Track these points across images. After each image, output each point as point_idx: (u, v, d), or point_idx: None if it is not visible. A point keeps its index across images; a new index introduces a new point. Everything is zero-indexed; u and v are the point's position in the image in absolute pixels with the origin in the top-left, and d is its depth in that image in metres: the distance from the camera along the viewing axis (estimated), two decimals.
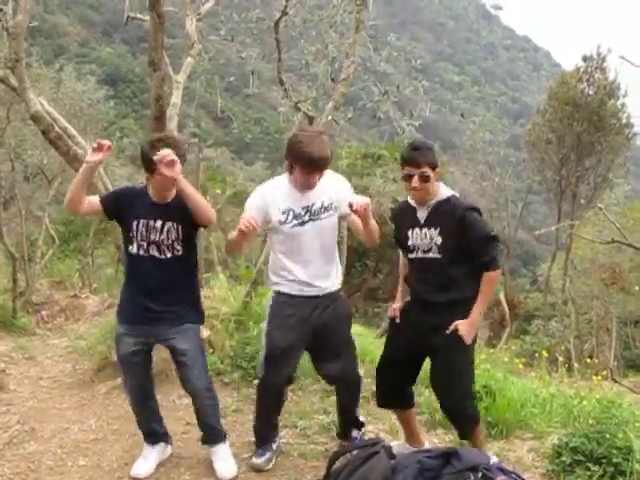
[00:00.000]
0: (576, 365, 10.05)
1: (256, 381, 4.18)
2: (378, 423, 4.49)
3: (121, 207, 3.79)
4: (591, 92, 24.61)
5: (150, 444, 4.14)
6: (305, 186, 3.75)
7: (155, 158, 3.44)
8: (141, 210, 3.76)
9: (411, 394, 4.14)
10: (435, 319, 3.70)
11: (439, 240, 3.65)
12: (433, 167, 3.64)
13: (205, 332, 5.13)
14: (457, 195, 3.78)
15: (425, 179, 3.61)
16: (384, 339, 4.33)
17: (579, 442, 4.14)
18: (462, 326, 3.64)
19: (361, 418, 4.33)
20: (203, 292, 5.55)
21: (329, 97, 5.74)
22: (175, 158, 3.45)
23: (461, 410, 3.88)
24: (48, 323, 11.99)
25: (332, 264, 3.98)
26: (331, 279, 3.95)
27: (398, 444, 4.15)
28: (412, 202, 3.79)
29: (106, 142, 3.53)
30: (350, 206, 3.56)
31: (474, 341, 3.80)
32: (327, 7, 5.97)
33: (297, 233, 3.79)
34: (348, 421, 4.24)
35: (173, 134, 5.02)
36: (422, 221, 3.72)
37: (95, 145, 3.52)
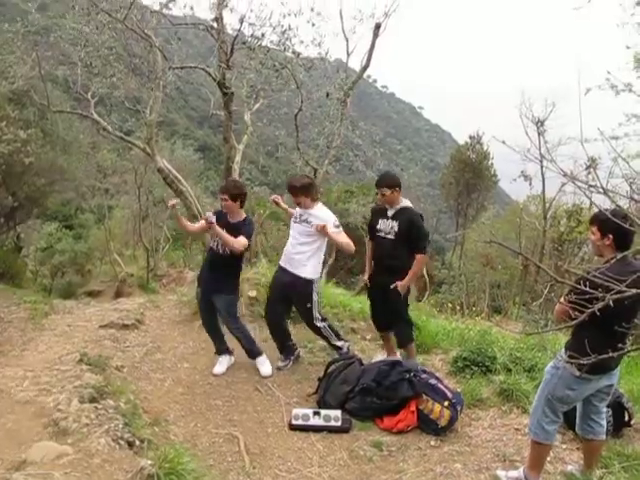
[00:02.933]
0: (466, 311, 10.03)
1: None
2: (354, 346, 4.43)
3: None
4: (474, 156, 25.41)
5: (219, 355, 4.10)
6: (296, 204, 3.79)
7: (204, 220, 3.52)
8: (222, 226, 3.66)
9: (392, 326, 3.98)
10: (387, 278, 3.67)
11: (396, 228, 3.65)
12: (393, 187, 3.65)
13: (253, 292, 5.07)
14: (412, 206, 3.78)
15: (389, 193, 3.66)
16: (358, 296, 4.27)
17: (467, 354, 4.14)
18: (399, 284, 3.64)
19: (338, 343, 4.02)
20: (252, 270, 5.50)
21: (325, 157, 5.72)
22: (212, 221, 3.45)
23: (400, 329, 3.89)
24: (166, 286, 11.97)
25: (301, 257, 3.77)
26: (300, 268, 3.78)
27: (382, 356, 4.07)
28: (385, 205, 3.76)
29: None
30: (315, 227, 3.61)
31: (408, 291, 3.80)
32: (324, 105, 5.96)
33: (292, 225, 3.88)
34: (331, 345, 4.07)
35: (235, 179, 5.02)
36: (389, 215, 3.72)
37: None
